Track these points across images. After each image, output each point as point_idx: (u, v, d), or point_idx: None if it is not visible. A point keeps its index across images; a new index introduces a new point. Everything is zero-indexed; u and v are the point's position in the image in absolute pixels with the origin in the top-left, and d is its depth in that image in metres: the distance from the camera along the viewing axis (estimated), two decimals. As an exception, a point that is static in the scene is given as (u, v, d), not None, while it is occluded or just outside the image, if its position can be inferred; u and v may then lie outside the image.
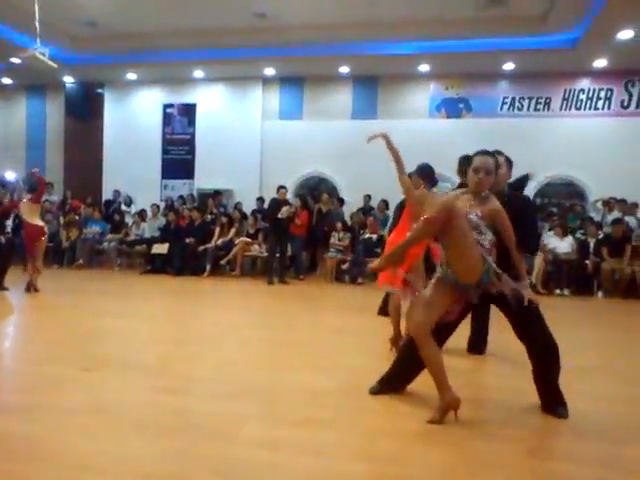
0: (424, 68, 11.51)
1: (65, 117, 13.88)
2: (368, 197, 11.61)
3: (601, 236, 9.65)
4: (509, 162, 3.66)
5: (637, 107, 11.19)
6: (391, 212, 10.74)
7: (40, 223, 7.80)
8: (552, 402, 3.31)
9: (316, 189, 12.55)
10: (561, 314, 7.45)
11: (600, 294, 9.06)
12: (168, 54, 11.55)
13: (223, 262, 10.47)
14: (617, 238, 9.21)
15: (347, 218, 11.12)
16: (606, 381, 4.19)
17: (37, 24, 7.87)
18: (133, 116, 13.61)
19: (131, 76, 13.01)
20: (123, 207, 12.77)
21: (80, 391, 3.50)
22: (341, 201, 11.64)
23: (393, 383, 3.56)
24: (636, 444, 2.92)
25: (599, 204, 10.80)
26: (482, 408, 3.39)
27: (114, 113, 13.67)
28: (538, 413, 3.31)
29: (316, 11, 9.89)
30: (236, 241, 10.49)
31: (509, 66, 11.12)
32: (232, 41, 10.89)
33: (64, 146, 13.93)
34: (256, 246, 10.58)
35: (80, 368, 3.96)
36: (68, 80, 13.41)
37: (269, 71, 12.24)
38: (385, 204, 10.94)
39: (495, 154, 3.31)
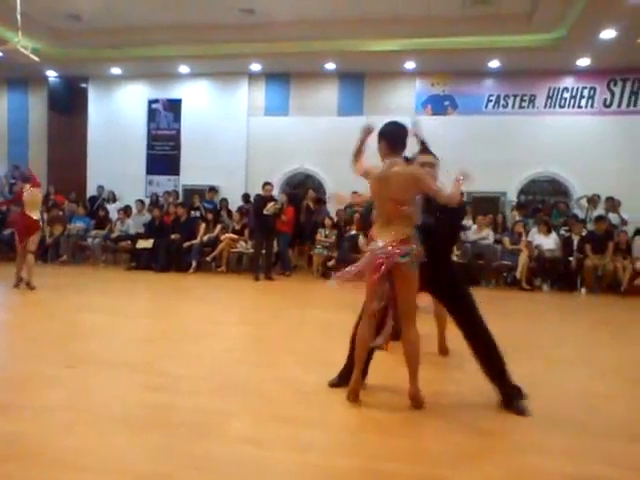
0: (410, 65, 11.54)
1: (48, 111, 13.70)
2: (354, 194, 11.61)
3: (584, 233, 9.76)
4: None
5: (619, 106, 11.32)
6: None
7: (37, 216, 7.68)
8: (509, 397, 3.27)
9: (302, 185, 12.54)
10: (543, 309, 7.55)
11: (583, 290, 9.17)
12: (153, 49, 11.44)
13: (209, 258, 10.43)
14: (600, 235, 9.33)
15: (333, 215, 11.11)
16: (584, 374, 4.25)
17: (19, 16, 7.75)
18: (118, 111, 13.46)
19: (115, 71, 12.86)
20: (107, 205, 12.63)
21: (63, 388, 3.47)
22: (322, 200, 11.56)
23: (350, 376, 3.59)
24: (612, 436, 2.97)
25: (583, 201, 10.92)
26: (463, 403, 3.42)
27: (98, 108, 13.51)
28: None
29: (303, 7, 9.87)
30: (222, 237, 10.46)
31: (494, 64, 11.18)
32: (218, 36, 10.82)
33: (47, 141, 13.77)
34: (242, 242, 10.55)
35: (63, 365, 3.93)
36: (51, 74, 13.21)
37: (255, 67, 12.18)
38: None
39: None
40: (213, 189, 12.30)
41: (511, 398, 3.25)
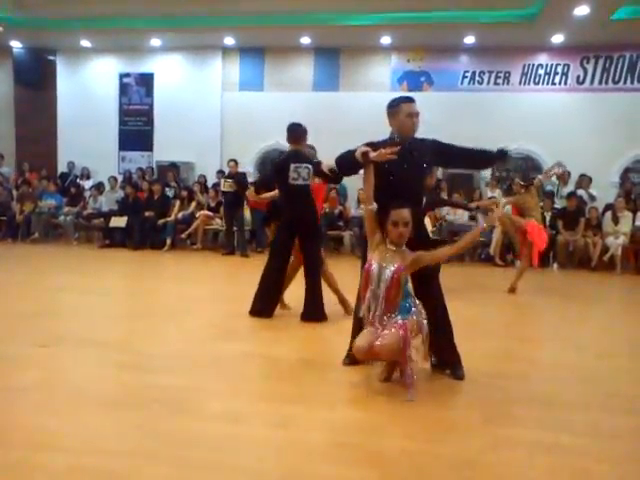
0: (386, 40, 11.43)
1: (15, 85, 13.24)
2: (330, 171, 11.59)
3: (555, 209, 9.91)
4: None
5: (592, 83, 11.43)
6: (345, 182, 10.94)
7: None
8: (455, 363, 3.45)
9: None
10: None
11: (555, 266, 9.35)
12: (124, 20, 11.08)
13: (184, 235, 10.35)
14: (571, 211, 9.49)
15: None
16: (555, 349, 4.36)
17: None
18: (88, 85, 13.10)
19: (85, 43, 12.45)
20: (79, 181, 12.38)
21: (35, 368, 3.43)
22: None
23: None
24: (583, 408, 3.06)
25: (553, 178, 11.04)
26: (438, 378, 3.47)
27: (68, 82, 13.12)
28: (490, 382, 3.41)
29: (277, -21, 9.66)
30: (197, 214, 10.37)
31: (470, 40, 11.14)
32: (191, 8, 10.52)
33: (15, 116, 13.33)
34: (217, 220, 10.47)
35: (36, 344, 3.87)
36: (16, 45, 12.72)
37: (229, 40, 11.93)
38: None
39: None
40: (175, 166, 12.09)
41: (458, 365, 3.45)
